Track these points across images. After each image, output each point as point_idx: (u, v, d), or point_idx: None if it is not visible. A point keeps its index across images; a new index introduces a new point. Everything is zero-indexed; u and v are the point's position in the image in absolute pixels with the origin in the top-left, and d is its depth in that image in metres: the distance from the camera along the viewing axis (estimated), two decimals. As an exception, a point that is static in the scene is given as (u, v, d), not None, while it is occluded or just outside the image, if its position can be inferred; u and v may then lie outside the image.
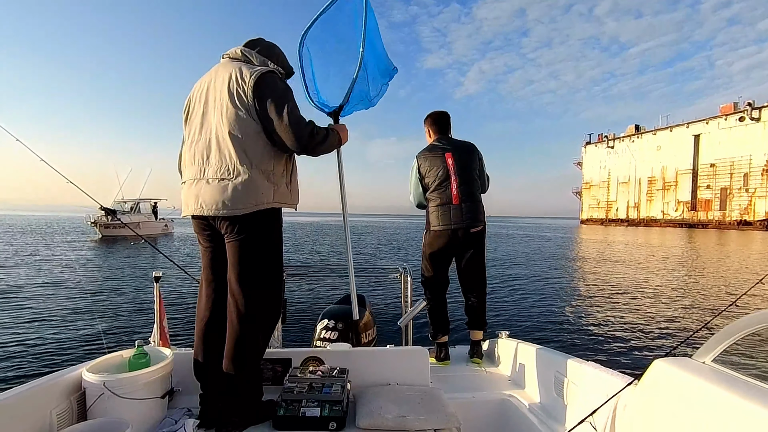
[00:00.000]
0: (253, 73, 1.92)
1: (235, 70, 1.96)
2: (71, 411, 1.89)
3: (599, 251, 27.95)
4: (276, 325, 2.15)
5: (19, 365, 5.51)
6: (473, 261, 3.35)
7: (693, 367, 1.54)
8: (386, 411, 1.97)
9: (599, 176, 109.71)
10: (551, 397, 2.34)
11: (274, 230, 2.06)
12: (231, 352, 1.98)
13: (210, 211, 1.93)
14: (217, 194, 1.91)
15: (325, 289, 10.65)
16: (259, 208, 1.94)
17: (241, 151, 1.91)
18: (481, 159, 3.41)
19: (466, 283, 3.41)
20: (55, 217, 23.59)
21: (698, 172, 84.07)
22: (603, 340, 7.57)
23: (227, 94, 1.93)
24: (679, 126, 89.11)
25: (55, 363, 5.61)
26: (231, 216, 1.92)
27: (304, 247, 25.99)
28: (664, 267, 19.35)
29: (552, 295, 11.71)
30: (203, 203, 1.94)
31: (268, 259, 2.03)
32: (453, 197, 3.23)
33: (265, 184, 1.95)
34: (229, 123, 1.92)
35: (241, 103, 1.92)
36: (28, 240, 28.32)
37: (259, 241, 1.99)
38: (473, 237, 3.26)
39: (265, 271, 2.02)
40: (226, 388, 1.99)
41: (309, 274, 4.38)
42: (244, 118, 1.92)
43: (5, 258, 17.84)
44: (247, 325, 1.97)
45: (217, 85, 2.00)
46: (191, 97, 2.12)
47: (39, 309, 8.60)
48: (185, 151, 2.10)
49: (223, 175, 1.91)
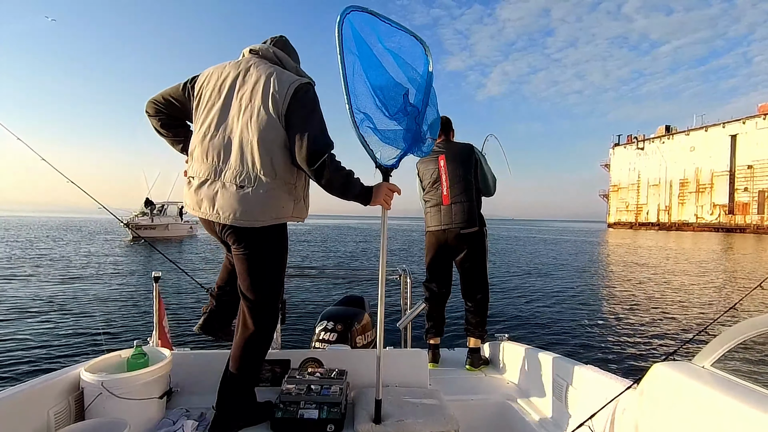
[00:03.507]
0: (294, 83, 1.89)
1: (273, 74, 1.92)
2: (69, 411, 1.94)
3: (616, 256, 27.74)
4: (275, 329, 2.19)
5: (17, 364, 5.63)
6: (468, 264, 3.42)
7: (692, 371, 1.57)
8: (385, 413, 2.02)
9: (628, 178, 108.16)
10: (550, 401, 2.39)
11: (283, 242, 2.07)
12: (235, 357, 2.04)
13: (227, 220, 1.88)
14: (235, 202, 1.86)
15: (324, 291, 10.80)
16: (277, 222, 1.95)
17: (267, 159, 1.86)
18: (479, 160, 3.47)
19: (463, 288, 3.49)
20: (88, 219, 23.97)
21: (735, 174, 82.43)
22: (603, 343, 7.66)
23: (261, 98, 1.88)
24: (714, 126, 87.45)
25: (53, 362, 5.72)
26: (248, 228, 1.91)
27: (304, 247, 26.07)
28: (676, 270, 19.29)
29: (554, 299, 11.77)
30: (220, 209, 1.89)
31: (274, 270, 2.06)
32: (443, 198, 3.37)
33: (285, 196, 1.94)
34: (259, 129, 1.86)
35: (275, 111, 1.87)
36: (68, 239, 30.60)
37: (268, 254, 2.01)
38: (466, 239, 3.34)
39: (270, 282, 2.05)
40: (223, 389, 2.05)
41: (308, 275, 4.44)
42: (276, 127, 1.87)
43: (41, 260, 18.50)
44: (253, 334, 2.03)
45: (247, 84, 1.94)
46: (203, 84, 2.04)
47: (39, 306, 8.79)
48: (196, 143, 2.01)
49: (243, 181, 1.86)
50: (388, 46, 1.96)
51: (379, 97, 1.94)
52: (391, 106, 1.96)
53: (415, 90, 2.01)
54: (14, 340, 6.61)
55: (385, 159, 2.03)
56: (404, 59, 1.99)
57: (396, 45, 1.98)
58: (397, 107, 1.97)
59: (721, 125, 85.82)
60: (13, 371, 5.38)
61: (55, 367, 3.53)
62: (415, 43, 2.02)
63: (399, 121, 1.99)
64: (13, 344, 6.40)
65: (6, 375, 5.25)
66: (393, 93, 1.96)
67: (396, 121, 1.98)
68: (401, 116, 1.98)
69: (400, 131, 2.00)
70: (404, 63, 1.98)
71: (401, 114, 1.98)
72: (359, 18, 1.87)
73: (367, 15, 1.88)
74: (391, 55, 1.96)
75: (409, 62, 1.99)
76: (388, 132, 1.98)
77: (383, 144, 1.99)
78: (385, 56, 1.95)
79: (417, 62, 2.02)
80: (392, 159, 2.04)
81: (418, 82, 2.01)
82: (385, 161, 2.03)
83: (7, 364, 5.61)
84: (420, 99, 2.01)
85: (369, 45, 1.90)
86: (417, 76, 2.01)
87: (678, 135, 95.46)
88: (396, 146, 2.02)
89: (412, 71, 2.00)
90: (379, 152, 2.00)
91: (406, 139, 2.01)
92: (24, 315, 8.03)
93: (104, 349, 2.51)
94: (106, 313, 8.52)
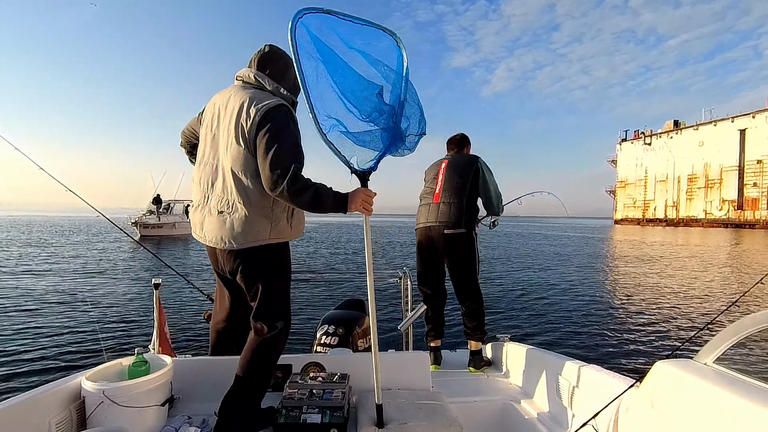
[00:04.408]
0: (261, 109, 1.96)
1: (245, 102, 2.01)
2: (71, 420, 1.95)
3: (620, 252, 27.62)
4: (286, 342, 2.23)
5: (18, 374, 5.64)
6: (456, 269, 3.45)
7: (695, 368, 1.58)
8: (387, 416, 2.04)
9: (635, 174, 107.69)
10: (553, 401, 2.40)
11: (276, 263, 2.14)
12: (243, 366, 2.09)
13: (211, 243, 2.09)
14: (216, 228, 2.05)
15: (324, 295, 10.81)
16: (256, 244, 2.04)
17: (240, 188, 2.00)
18: (482, 170, 3.45)
19: (455, 293, 3.52)
20: (96, 218, 24.73)
21: (744, 169, 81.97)
22: (605, 342, 7.66)
23: (233, 128, 2.00)
24: (723, 120, 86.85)
25: (54, 371, 5.75)
26: (230, 249, 2.06)
27: (304, 248, 26.12)
28: (679, 267, 19.21)
29: (555, 298, 11.74)
30: (206, 233, 2.10)
31: (274, 285, 2.14)
32: (435, 196, 3.45)
33: (261, 221, 2.03)
34: (231, 159, 2.01)
35: (244, 140, 1.98)
36: (77, 239, 30.61)
37: (260, 275, 2.10)
38: (452, 241, 3.36)
39: (274, 297, 2.14)
40: (229, 396, 2.07)
41: (308, 279, 4.47)
42: (246, 155, 1.99)
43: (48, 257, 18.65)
44: (261, 345, 2.10)
45: (227, 113, 2.06)
46: (205, 114, 2.22)
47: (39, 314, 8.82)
48: (195, 170, 2.23)
49: (223, 207, 2.03)
50: (354, 45, 1.86)
51: (350, 100, 1.87)
52: (364, 107, 1.89)
53: (390, 86, 1.93)
54: (15, 349, 6.62)
55: (362, 162, 1.99)
56: (374, 56, 1.89)
57: (363, 42, 1.87)
58: (371, 107, 1.90)
59: (730, 119, 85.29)
60: (13, 381, 5.39)
61: (56, 376, 3.55)
62: (384, 36, 1.92)
63: (375, 122, 1.92)
64: (13, 354, 6.41)
65: (7, 385, 5.27)
66: (365, 93, 1.89)
67: (371, 122, 1.91)
68: (377, 116, 1.91)
69: (376, 131, 1.93)
70: (374, 60, 1.89)
71: (376, 114, 1.91)
72: (315, 19, 1.77)
73: (323, 15, 1.78)
74: (359, 54, 1.87)
75: (379, 58, 1.90)
76: (362, 134, 1.92)
77: (359, 147, 1.94)
78: (352, 55, 1.86)
79: (389, 57, 1.92)
80: (370, 162, 1.99)
81: (393, 77, 1.93)
82: (362, 165, 1.99)
83: (7, 374, 5.63)
84: (397, 94, 1.93)
85: (330, 47, 1.82)
86: (390, 71, 1.92)
87: (686, 130, 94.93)
88: (373, 148, 1.96)
89: (383, 67, 1.91)
90: (354, 156, 1.95)
91: (384, 139, 1.95)
92: (24, 324, 8.05)
93: (105, 357, 2.53)
94: (107, 320, 8.55)
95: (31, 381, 5.40)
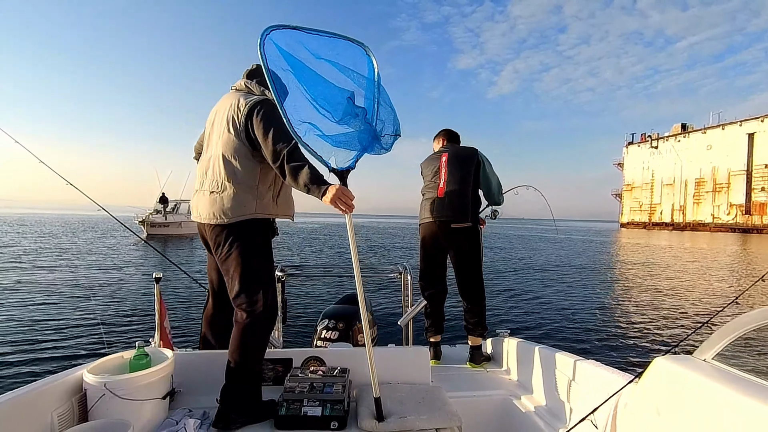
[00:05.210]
0: (248, 103, 2.26)
1: (235, 100, 2.31)
2: (72, 412, 1.98)
3: (623, 254, 27.74)
4: (272, 326, 2.30)
5: (19, 367, 5.68)
6: (461, 263, 3.46)
7: (693, 364, 1.61)
8: (387, 410, 2.07)
9: (642, 178, 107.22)
10: (552, 396, 2.43)
11: (258, 237, 2.31)
12: (230, 353, 2.16)
13: (203, 219, 2.31)
14: (208, 205, 2.28)
15: (325, 290, 10.93)
16: (244, 218, 2.25)
17: (230, 169, 2.26)
18: (483, 163, 3.50)
19: (458, 287, 3.53)
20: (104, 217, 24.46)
21: (752, 173, 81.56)
22: (604, 338, 7.74)
23: (225, 121, 2.30)
24: (731, 124, 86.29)
25: (56, 364, 5.79)
26: (219, 224, 2.25)
27: (304, 249, 26.22)
28: (680, 267, 19.29)
29: (554, 294, 11.85)
30: (200, 212, 2.33)
31: (255, 262, 2.26)
32: (439, 190, 3.44)
33: (248, 197, 2.27)
34: (223, 145, 2.29)
35: (234, 129, 2.27)
36: (87, 237, 31.43)
37: (244, 247, 2.25)
38: (458, 235, 3.37)
39: (255, 274, 2.24)
40: (225, 387, 2.13)
41: (309, 274, 4.51)
42: (235, 141, 2.26)
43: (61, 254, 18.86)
44: (244, 327, 2.18)
45: (222, 112, 2.36)
46: (208, 119, 2.51)
47: (39, 309, 8.87)
48: (198, 163, 2.54)
49: (214, 188, 2.28)
50: (324, 56, 1.96)
51: (322, 105, 1.96)
52: (336, 112, 1.98)
53: (363, 90, 2.04)
54: (16, 342, 6.67)
55: (341, 162, 2.07)
56: (343, 64, 1.99)
57: (332, 53, 1.97)
58: (343, 111, 2.00)
59: (738, 123, 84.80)
60: (15, 374, 5.43)
61: (58, 369, 3.59)
62: (352, 46, 2.02)
63: (349, 124, 2.02)
64: (15, 347, 6.46)
65: (8, 377, 5.31)
66: (336, 98, 1.98)
67: (346, 124, 2.02)
68: (350, 119, 2.02)
69: (353, 133, 2.03)
70: (344, 68, 1.99)
71: (349, 117, 2.02)
72: (283, 36, 1.87)
73: (290, 31, 1.88)
74: (329, 63, 1.97)
75: (349, 66, 2.00)
76: (339, 136, 2.01)
77: (336, 148, 2.03)
78: (322, 65, 1.96)
79: (359, 64, 2.03)
80: (348, 161, 2.08)
81: (364, 83, 2.03)
82: (341, 164, 2.07)
83: (9, 366, 5.67)
84: (370, 98, 2.04)
85: (300, 59, 1.92)
86: (361, 77, 2.03)
87: (694, 133, 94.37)
88: (351, 148, 2.06)
89: (353, 74, 2.01)
90: (332, 157, 2.03)
91: (362, 140, 2.05)
92: (25, 317, 8.11)
93: (106, 350, 2.57)
94: (108, 313, 8.60)
95: (33, 374, 5.44)
